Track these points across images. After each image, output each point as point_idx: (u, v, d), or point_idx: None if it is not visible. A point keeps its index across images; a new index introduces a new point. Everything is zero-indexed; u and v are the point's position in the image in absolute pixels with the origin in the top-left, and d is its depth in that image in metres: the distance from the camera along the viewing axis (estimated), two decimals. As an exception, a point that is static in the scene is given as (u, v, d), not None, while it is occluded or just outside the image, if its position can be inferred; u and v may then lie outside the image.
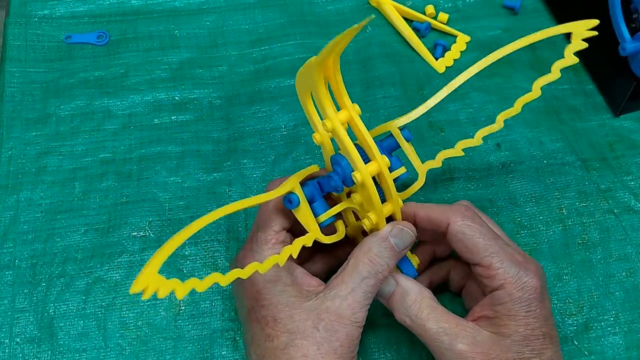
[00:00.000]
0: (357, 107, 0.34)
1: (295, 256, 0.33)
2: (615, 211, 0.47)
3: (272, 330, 0.34)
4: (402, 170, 0.37)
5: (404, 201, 0.38)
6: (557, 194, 0.48)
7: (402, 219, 0.37)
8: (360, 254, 0.35)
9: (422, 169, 0.39)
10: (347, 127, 0.34)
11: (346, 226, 0.39)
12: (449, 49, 0.55)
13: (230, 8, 0.57)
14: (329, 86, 0.33)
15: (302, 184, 0.36)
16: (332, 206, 0.37)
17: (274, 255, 0.32)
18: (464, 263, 0.39)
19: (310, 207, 0.36)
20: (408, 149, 0.39)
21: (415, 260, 0.39)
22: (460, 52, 0.55)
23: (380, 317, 0.42)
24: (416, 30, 0.56)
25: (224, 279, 0.29)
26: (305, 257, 0.40)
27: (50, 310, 0.42)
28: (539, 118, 0.51)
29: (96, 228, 0.45)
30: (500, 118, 0.40)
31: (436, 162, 0.40)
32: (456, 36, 0.56)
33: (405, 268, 0.38)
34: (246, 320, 0.36)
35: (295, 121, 0.51)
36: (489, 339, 0.33)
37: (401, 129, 0.39)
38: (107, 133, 0.50)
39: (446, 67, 0.54)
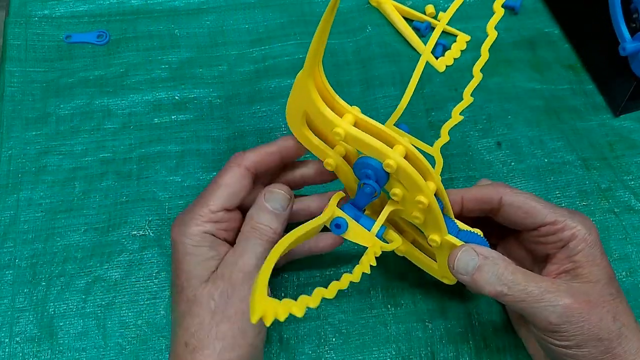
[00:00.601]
0: (356, 108, 0.34)
1: (332, 296, 0.30)
2: (616, 210, 0.47)
3: (179, 297, 0.35)
4: (416, 141, 0.37)
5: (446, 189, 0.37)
6: (557, 192, 0.48)
7: (450, 205, 0.37)
8: (246, 221, 0.36)
9: (435, 150, 0.39)
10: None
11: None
12: (449, 48, 0.55)
13: (230, 7, 0.57)
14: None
15: (339, 207, 0.36)
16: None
17: (309, 298, 0.30)
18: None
19: (360, 222, 0.35)
20: (412, 140, 0.39)
21: (478, 232, 0.37)
22: (461, 51, 0.55)
23: (380, 316, 0.42)
24: (416, 30, 0.56)
25: (328, 293, 0.29)
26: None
27: (50, 310, 0.42)
28: (539, 117, 0.51)
29: (96, 227, 0.45)
30: (445, 128, 0.39)
31: (443, 137, 0.38)
32: (456, 36, 0.56)
33: (476, 241, 0.36)
34: (171, 287, 0.38)
35: (295, 121, 0.51)
36: (583, 287, 0.34)
37: (397, 125, 0.38)
38: (107, 132, 0.50)
39: (446, 66, 0.54)
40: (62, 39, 0.54)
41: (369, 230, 0.35)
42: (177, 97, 0.52)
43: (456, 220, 0.37)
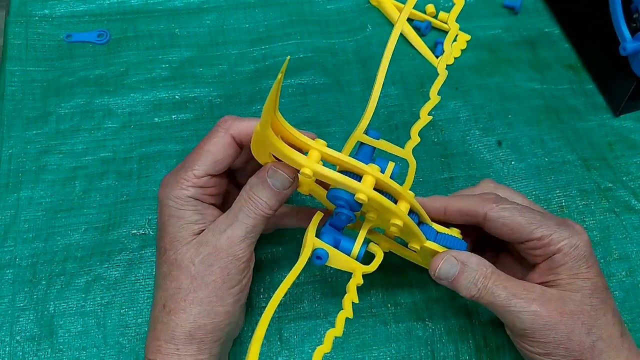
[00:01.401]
0: (320, 141, 0.34)
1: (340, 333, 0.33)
2: (616, 210, 0.47)
3: (161, 259, 0.35)
4: (391, 165, 0.37)
5: (423, 195, 0.38)
6: (558, 192, 0.48)
7: (432, 215, 0.37)
8: (243, 192, 0.35)
9: (407, 152, 0.38)
10: (322, 162, 0.33)
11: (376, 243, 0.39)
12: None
13: (231, 7, 0.57)
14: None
15: (319, 233, 0.36)
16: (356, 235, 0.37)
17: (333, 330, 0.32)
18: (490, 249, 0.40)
19: (340, 249, 0.36)
20: (383, 145, 0.38)
21: (456, 232, 0.38)
22: (461, 50, 0.55)
23: (380, 315, 0.42)
24: (417, 29, 0.56)
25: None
26: None
27: (51, 309, 0.42)
28: (539, 117, 0.51)
29: (96, 226, 0.45)
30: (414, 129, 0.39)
31: (414, 139, 0.39)
32: (456, 35, 0.56)
33: (454, 244, 0.37)
34: (156, 246, 0.37)
35: (295, 121, 0.51)
36: (559, 295, 0.34)
37: (366, 132, 0.38)
38: (108, 132, 0.50)
39: (447, 65, 0.54)
40: (63, 38, 0.54)
41: (350, 253, 0.36)
42: (177, 97, 0.52)
43: (433, 224, 0.38)
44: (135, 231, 0.45)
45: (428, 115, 0.38)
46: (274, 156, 0.34)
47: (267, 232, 0.42)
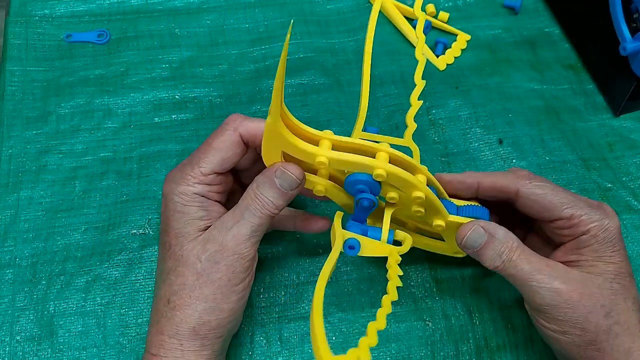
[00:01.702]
0: (328, 131, 0.34)
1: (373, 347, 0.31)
2: (616, 210, 0.46)
3: (166, 254, 0.35)
4: (388, 138, 0.37)
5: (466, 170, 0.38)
6: (557, 192, 0.48)
7: (464, 191, 0.38)
8: (249, 190, 0.35)
9: (407, 140, 0.39)
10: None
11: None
12: (450, 47, 0.55)
13: (231, 7, 0.57)
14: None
15: (344, 228, 0.36)
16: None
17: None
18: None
19: (369, 235, 0.36)
20: (383, 138, 0.39)
21: (475, 203, 0.39)
22: (461, 50, 0.55)
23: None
24: (416, 30, 0.56)
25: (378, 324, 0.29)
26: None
27: (51, 309, 0.42)
28: (539, 117, 0.51)
29: (96, 226, 0.45)
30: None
31: (410, 126, 0.39)
32: (457, 35, 0.56)
33: (477, 213, 0.37)
34: (159, 240, 0.37)
35: (296, 120, 0.51)
36: (580, 277, 0.34)
37: (364, 130, 0.38)
38: (108, 132, 0.50)
39: (447, 64, 0.54)
40: (63, 38, 0.54)
41: (379, 240, 0.36)
42: (177, 97, 0.52)
43: (450, 199, 0.38)
44: (135, 231, 0.45)
45: (417, 100, 0.38)
46: (283, 156, 0.34)
47: (265, 231, 0.42)
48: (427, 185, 0.35)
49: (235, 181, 0.40)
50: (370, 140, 0.36)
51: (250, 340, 0.41)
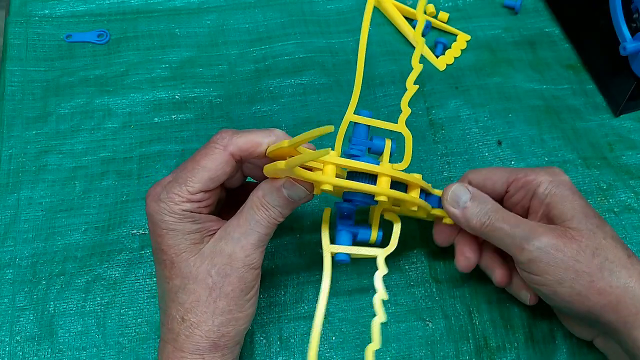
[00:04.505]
0: (329, 150, 0.33)
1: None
2: (616, 210, 0.47)
3: (169, 272, 0.34)
4: (389, 143, 0.37)
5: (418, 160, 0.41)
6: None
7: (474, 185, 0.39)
8: (255, 199, 0.34)
9: (400, 126, 0.39)
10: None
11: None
12: (450, 47, 0.55)
13: (231, 7, 0.57)
14: None
15: (333, 233, 0.37)
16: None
17: None
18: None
19: (358, 240, 0.37)
20: (376, 122, 0.38)
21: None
22: (461, 50, 0.55)
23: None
24: (416, 30, 0.56)
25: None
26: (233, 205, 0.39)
27: (50, 309, 0.42)
28: (539, 117, 0.51)
29: (96, 226, 0.45)
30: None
31: (405, 111, 0.39)
32: (456, 35, 0.56)
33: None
34: (154, 258, 0.36)
35: (296, 121, 0.51)
36: (558, 227, 0.36)
37: (358, 112, 0.38)
38: (108, 132, 0.50)
39: (447, 64, 0.54)
40: (63, 38, 0.54)
41: (369, 240, 0.38)
42: (177, 97, 0.52)
43: (435, 191, 0.40)
44: (135, 231, 0.45)
45: (414, 85, 0.38)
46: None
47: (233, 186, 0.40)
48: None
49: (224, 189, 0.40)
50: (362, 125, 0.37)
51: (250, 340, 0.41)
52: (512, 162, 0.49)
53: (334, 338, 0.42)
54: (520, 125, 0.51)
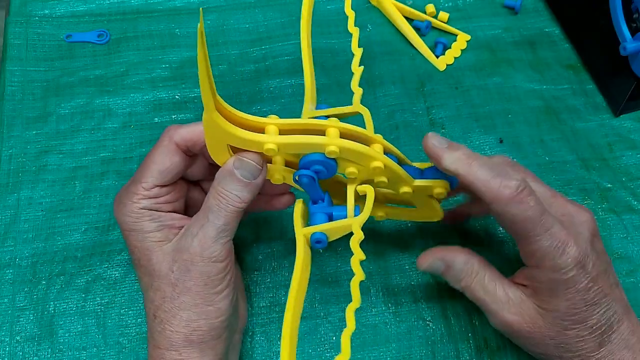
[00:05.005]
0: (272, 116, 0.33)
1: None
2: (616, 210, 0.47)
3: (139, 272, 0.36)
4: (338, 110, 0.37)
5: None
6: (559, 191, 0.47)
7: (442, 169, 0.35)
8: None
9: (356, 106, 0.38)
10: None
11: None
12: (450, 47, 0.55)
13: (231, 7, 0.57)
14: None
15: (307, 218, 0.35)
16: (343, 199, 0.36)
17: None
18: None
19: (335, 220, 0.34)
20: (334, 111, 0.38)
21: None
22: (461, 50, 0.55)
23: (381, 314, 0.42)
24: (417, 29, 0.56)
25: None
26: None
27: (51, 309, 0.42)
28: (539, 117, 0.51)
29: (96, 226, 0.45)
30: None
31: (356, 91, 0.39)
32: (456, 35, 0.56)
33: (442, 175, 0.37)
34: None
35: (296, 120, 0.51)
36: (534, 311, 0.35)
37: (317, 108, 0.38)
38: (108, 132, 0.50)
39: (447, 64, 0.54)
40: (63, 38, 0.54)
41: (346, 217, 0.34)
42: (177, 97, 0.52)
43: (413, 163, 0.38)
44: (135, 231, 0.45)
45: (358, 67, 0.39)
46: (232, 149, 0.33)
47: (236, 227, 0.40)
48: (386, 154, 0.35)
49: (202, 191, 0.40)
50: (319, 117, 0.36)
51: (250, 340, 0.41)
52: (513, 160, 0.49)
53: (334, 338, 0.42)
54: (520, 126, 0.51)
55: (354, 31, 0.39)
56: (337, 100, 0.52)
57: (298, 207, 0.35)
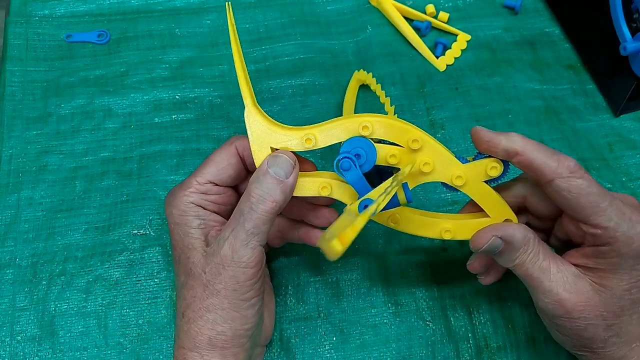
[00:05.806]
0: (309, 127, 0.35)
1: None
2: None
3: (177, 268, 0.36)
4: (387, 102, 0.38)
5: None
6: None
7: (500, 155, 0.35)
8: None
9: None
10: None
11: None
12: (450, 48, 0.55)
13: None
14: None
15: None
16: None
17: None
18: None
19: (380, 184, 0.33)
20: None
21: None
22: (461, 50, 0.55)
23: (381, 314, 0.42)
24: (416, 30, 0.56)
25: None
26: None
27: (51, 309, 0.42)
28: (539, 117, 0.51)
29: (96, 227, 0.45)
30: None
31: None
32: (457, 35, 0.56)
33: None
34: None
35: (296, 122, 0.51)
36: (590, 289, 0.33)
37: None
38: (108, 132, 0.50)
39: (447, 65, 0.54)
40: (63, 38, 0.54)
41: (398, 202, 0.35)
42: (177, 97, 0.52)
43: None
44: (136, 231, 0.45)
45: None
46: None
47: (275, 246, 0.42)
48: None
49: (235, 193, 0.40)
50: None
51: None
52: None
53: (334, 338, 0.42)
54: (520, 126, 0.51)
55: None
56: (337, 100, 0.52)
57: (354, 207, 0.34)
